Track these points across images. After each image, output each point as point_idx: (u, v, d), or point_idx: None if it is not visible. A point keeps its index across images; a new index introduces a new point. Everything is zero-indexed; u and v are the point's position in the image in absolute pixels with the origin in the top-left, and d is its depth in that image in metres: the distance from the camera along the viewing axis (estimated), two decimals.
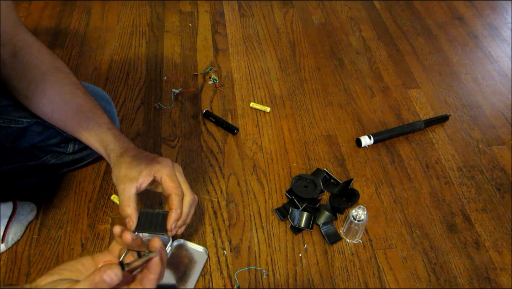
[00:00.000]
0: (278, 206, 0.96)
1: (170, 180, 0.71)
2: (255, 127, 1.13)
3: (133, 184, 0.70)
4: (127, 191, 0.69)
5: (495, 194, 1.01)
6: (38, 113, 0.82)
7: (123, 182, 0.70)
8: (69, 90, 0.80)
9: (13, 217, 0.87)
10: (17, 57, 0.78)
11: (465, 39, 1.43)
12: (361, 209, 0.86)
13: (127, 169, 0.71)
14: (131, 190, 0.69)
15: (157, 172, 0.71)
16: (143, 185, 0.71)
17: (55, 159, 0.93)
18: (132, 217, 0.69)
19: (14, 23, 0.77)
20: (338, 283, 0.84)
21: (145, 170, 0.71)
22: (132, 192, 0.69)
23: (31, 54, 0.79)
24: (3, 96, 0.84)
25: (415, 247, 0.90)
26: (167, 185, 0.71)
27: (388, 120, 1.16)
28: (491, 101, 1.23)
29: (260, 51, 1.35)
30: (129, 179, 0.70)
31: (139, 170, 0.71)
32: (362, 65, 1.32)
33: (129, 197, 0.69)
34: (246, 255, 0.88)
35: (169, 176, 0.71)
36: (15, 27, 0.77)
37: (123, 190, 0.70)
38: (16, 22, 0.78)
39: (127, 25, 1.42)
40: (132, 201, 0.69)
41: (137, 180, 0.70)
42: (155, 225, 0.70)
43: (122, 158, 0.73)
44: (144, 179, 0.70)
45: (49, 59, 0.81)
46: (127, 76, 1.25)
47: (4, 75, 0.79)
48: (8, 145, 0.87)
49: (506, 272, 0.87)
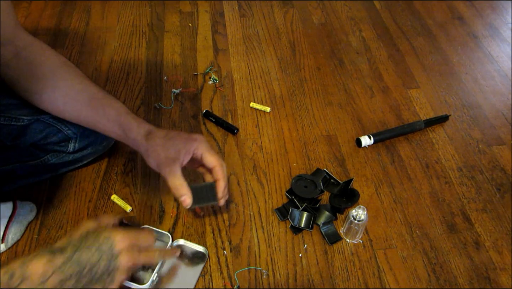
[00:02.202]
0: (278, 206, 0.96)
1: (210, 155, 0.77)
2: (255, 127, 1.13)
3: (177, 164, 0.74)
4: (174, 172, 0.74)
5: (495, 194, 1.01)
6: (48, 109, 0.83)
7: (167, 164, 0.74)
8: (80, 81, 0.82)
9: (13, 217, 0.87)
10: (20, 58, 0.79)
11: (465, 39, 1.43)
12: (361, 209, 0.86)
13: (164, 151, 0.75)
14: (178, 170, 0.74)
15: (196, 149, 0.76)
16: (184, 162, 0.76)
17: (55, 158, 0.93)
18: (188, 194, 0.75)
19: (14, 24, 0.78)
20: (338, 283, 0.84)
21: (183, 148, 0.75)
22: (179, 172, 0.74)
23: (35, 53, 0.80)
24: (4, 94, 0.84)
25: (415, 247, 0.90)
26: (210, 159, 0.77)
27: (388, 120, 1.16)
28: (491, 101, 1.23)
29: (260, 51, 1.35)
30: (172, 160, 0.74)
31: (177, 150, 0.75)
32: (362, 65, 1.32)
33: (178, 177, 0.74)
34: (246, 255, 0.88)
35: (209, 151, 0.77)
36: (15, 28, 0.78)
37: (170, 172, 0.74)
38: (16, 23, 0.78)
39: (127, 25, 1.42)
40: (182, 180, 0.75)
41: (179, 160, 0.74)
42: (207, 197, 0.79)
43: (153, 140, 0.76)
44: (184, 157, 0.75)
45: (53, 54, 0.82)
46: (127, 76, 1.25)
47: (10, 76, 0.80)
48: (9, 143, 0.87)
49: (506, 272, 0.87)
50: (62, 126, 0.89)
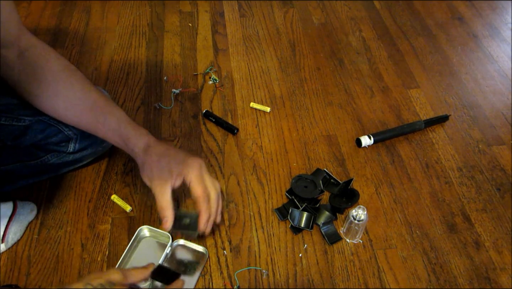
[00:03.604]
0: (278, 206, 0.96)
1: (197, 185, 0.75)
2: (255, 127, 1.13)
3: (167, 185, 0.74)
4: (164, 193, 0.74)
5: (495, 194, 1.01)
6: (50, 113, 0.83)
7: (158, 184, 0.74)
8: (81, 87, 0.81)
9: (13, 217, 0.87)
10: (23, 59, 0.79)
11: (465, 39, 1.43)
12: (361, 209, 0.86)
13: (158, 170, 0.75)
14: (167, 192, 0.74)
15: (187, 175, 0.75)
16: (175, 185, 0.75)
17: (55, 158, 0.93)
18: (169, 218, 0.75)
19: (18, 25, 0.77)
20: (338, 283, 0.84)
21: (175, 171, 0.75)
22: (168, 194, 0.74)
23: (37, 55, 0.80)
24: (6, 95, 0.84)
25: (415, 247, 0.90)
26: (194, 190, 0.75)
27: (388, 120, 1.16)
28: (491, 101, 1.23)
29: (260, 51, 1.35)
30: (164, 180, 0.74)
31: (170, 171, 0.75)
32: (362, 65, 1.32)
33: (166, 200, 0.74)
34: (246, 255, 0.88)
35: (197, 179, 0.75)
36: (18, 29, 0.78)
37: (160, 192, 0.74)
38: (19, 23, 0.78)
39: (127, 25, 1.42)
40: (170, 203, 0.74)
41: (170, 182, 0.74)
42: (188, 225, 0.78)
43: (149, 156, 0.76)
44: (175, 180, 0.75)
45: (55, 57, 0.82)
46: (127, 76, 1.25)
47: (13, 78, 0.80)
48: (10, 143, 0.87)
49: (506, 272, 0.87)
50: (62, 126, 0.89)
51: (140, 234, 0.88)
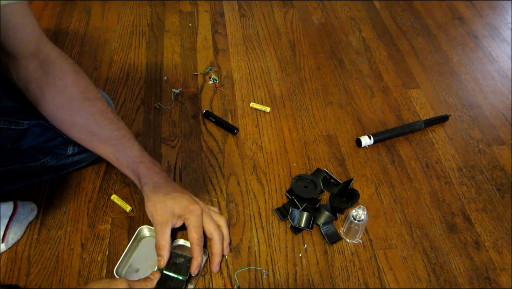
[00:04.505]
0: (278, 206, 0.96)
1: (194, 232, 0.80)
2: (255, 127, 1.13)
3: (168, 225, 0.79)
4: (164, 233, 0.79)
5: (495, 194, 1.01)
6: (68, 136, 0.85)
7: (160, 222, 0.79)
8: (96, 122, 0.81)
9: (14, 217, 0.87)
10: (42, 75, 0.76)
11: (465, 39, 1.43)
12: (361, 209, 0.86)
13: (161, 208, 0.79)
14: (167, 232, 0.79)
15: (187, 220, 0.80)
16: (176, 225, 0.81)
17: (54, 161, 0.93)
18: (165, 258, 0.78)
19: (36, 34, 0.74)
20: (338, 283, 0.84)
21: (177, 213, 0.80)
22: (168, 234, 0.79)
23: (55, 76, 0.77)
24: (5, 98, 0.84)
25: (415, 247, 0.90)
26: (191, 235, 0.80)
27: (388, 120, 1.16)
28: (491, 101, 1.23)
29: (260, 51, 1.35)
30: (165, 220, 0.79)
31: (172, 213, 0.79)
32: (362, 65, 1.32)
33: (165, 239, 0.79)
34: (246, 255, 0.88)
35: (195, 227, 0.80)
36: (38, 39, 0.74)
37: (160, 231, 0.79)
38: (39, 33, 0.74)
39: (127, 25, 1.42)
40: (168, 243, 0.79)
41: (171, 222, 0.79)
42: (180, 268, 0.81)
43: (156, 195, 0.80)
44: (176, 221, 0.80)
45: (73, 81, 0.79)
46: (127, 76, 1.25)
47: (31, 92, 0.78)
48: (9, 146, 0.87)
49: (506, 272, 0.87)
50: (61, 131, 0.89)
51: (140, 234, 0.88)
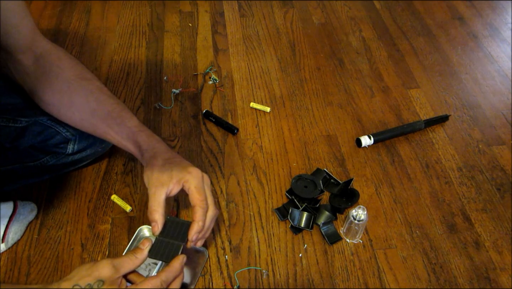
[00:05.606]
0: (278, 206, 0.96)
1: (197, 192, 0.72)
2: (255, 127, 1.13)
3: (163, 189, 0.71)
4: (157, 196, 0.71)
5: (495, 194, 1.01)
6: (67, 122, 0.83)
7: (154, 185, 0.72)
8: (95, 98, 0.80)
9: (14, 216, 0.87)
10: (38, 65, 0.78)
11: (465, 39, 1.43)
12: (361, 209, 0.86)
13: (159, 172, 0.73)
14: (161, 195, 0.71)
15: (186, 182, 0.73)
16: (173, 191, 0.73)
17: (54, 160, 0.93)
18: (159, 223, 0.71)
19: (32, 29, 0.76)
20: (338, 283, 0.84)
21: (175, 177, 0.72)
22: (162, 198, 0.71)
23: (51, 63, 0.79)
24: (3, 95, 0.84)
25: (415, 247, 0.90)
26: (193, 197, 0.72)
27: (388, 120, 1.16)
28: (491, 101, 1.23)
29: (260, 51, 1.35)
30: (160, 183, 0.72)
31: (170, 176, 0.72)
32: (362, 65, 1.32)
33: (158, 202, 0.71)
34: (246, 255, 0.88)
35: (197, 188, 0.73)
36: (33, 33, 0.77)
37: (153, 194, 0.71)
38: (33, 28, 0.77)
39: (127, 25, 1.42)
40: (161, 207, 0.71)
41: (167, 186, 0.72)
42: (178, 234, 0.72)
43: (155, 160, 0.74)
44: (174, 186, 0.72)
45: (69, 65, 0.81)
46: (127, 76, 1.25)
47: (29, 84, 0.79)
48: (8, 145, 0.87)
49: (506, 272, 0.87)
50: (60, 128, 0.89)
51: (140, 234, 0.88)
